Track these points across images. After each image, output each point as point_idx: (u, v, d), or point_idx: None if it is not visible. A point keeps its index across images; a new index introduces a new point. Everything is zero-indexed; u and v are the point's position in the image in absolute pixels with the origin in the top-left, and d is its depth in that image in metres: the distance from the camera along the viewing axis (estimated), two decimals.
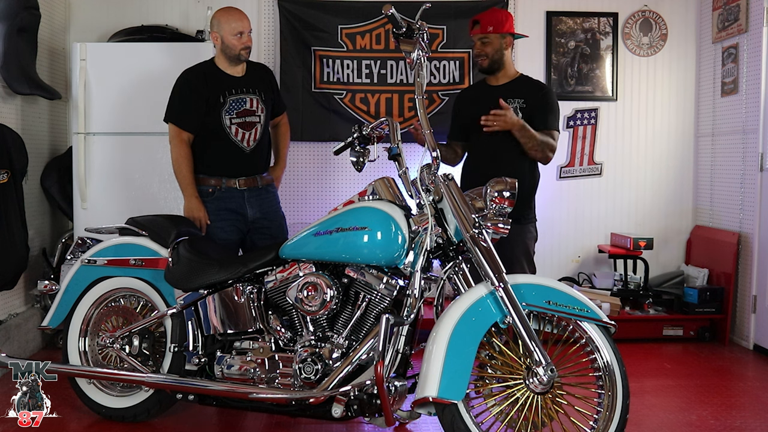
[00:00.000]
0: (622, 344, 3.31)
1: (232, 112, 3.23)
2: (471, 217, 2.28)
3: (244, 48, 3.22)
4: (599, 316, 2.24)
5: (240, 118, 3.24)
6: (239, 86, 3.27)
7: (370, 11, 4.43)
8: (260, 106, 3.30)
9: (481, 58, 3.24)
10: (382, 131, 2.56)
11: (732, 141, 4.28)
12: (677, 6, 4.63)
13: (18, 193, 3.55)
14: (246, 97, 3.26)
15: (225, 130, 3.23)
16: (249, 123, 3.26)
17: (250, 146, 3.28)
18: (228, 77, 3.27)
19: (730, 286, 4.15)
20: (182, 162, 3.21)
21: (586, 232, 4.66)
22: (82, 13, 4.42)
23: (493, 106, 3.16)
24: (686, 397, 3.26)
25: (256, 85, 3.32)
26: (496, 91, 3.27)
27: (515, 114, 3.11)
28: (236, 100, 3.24)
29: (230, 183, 3.26)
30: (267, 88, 3.37)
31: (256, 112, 3.28)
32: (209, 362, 2.68)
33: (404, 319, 2.26)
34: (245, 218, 3.29)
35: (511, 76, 3.30)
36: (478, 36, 3.23)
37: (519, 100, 3.20)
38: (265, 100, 3.33)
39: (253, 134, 3.27)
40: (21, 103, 3.83)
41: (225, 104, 3.22)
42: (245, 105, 3.26)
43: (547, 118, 3.20)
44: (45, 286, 2.94)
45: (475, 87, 3.56)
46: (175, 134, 3.24)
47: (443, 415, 2.14)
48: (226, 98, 3.23)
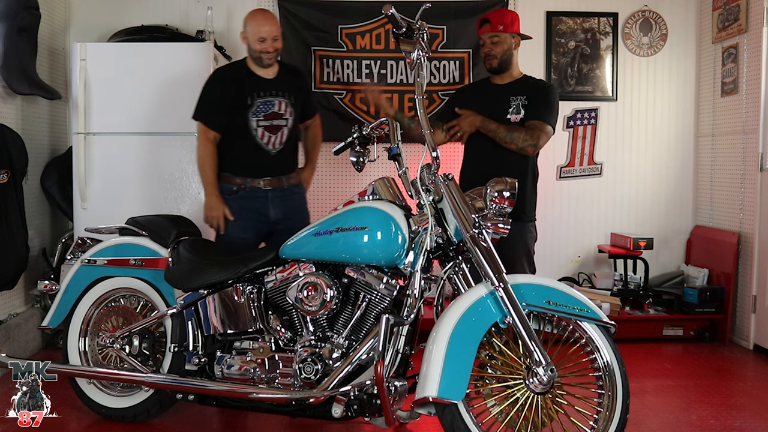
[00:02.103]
0: (622, 344, 3.30)
1: (260, 114, 3.24)
2: (471, 217, 2.28)
3: (265, 53, 3.22)
4: (599, 316, 2.24)
5: (267, 120, 3.25)
6: (268, 88, 3.27)
7: (370, 11, 4.43)
8: (288, 110, 3.30)
9: (491, 57, 3.23)
10: (382, 131, 2.56)
11: (732, 141, 4.28)
12: (677, 6, 4.63)
13: (18, 193, 3.55)
14: (274, 100, 3.27)
15: (251, 132, 3.24)
16: (275, 126, 3.27)
17: (276, 149, 3.29)
18: (257, 79, 3.28)
19: (730, 286, 4.15)
20: (206, 160, 3.25)
21: (586, 232, 4.66)
22: (82, 13, 4.42)
23: (495, 104, 3.17)
24: (686, 397, 3.26)
25: (286, 88, 3.32)
26: (501, 89, 3.27)
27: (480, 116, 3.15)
28: (264, 103, 3.25)
29: (255, 183, 3.28)
30: (297, 91, 3.37)
31: (283, 116, 3.29)
32: (209, 362, 2.68)
33: (404, 319, 2.25)
34: (267, 219, 3.30)
35: (516, 76, 3.30)
36: (488, 35, 3.21)
37: (521, 97, 3.21)
38: (294, 103, 3.33)
39: (279, 137, 3.29)
40: (21, 103, 3.83)
41: (252, 106, 3.23)
42: (273, 108, 3.26)
43: (540, 110, 3.18)
44: (45, 286, 2.94)
45: (478, 84, 3.55)
46: (201, 132, 3.28)
47: (443, 415, 2.14)
48: (254, 100, 3.24)
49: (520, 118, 3.20)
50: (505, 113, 3.21)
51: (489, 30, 3.20)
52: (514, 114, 3.21)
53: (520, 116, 3.21)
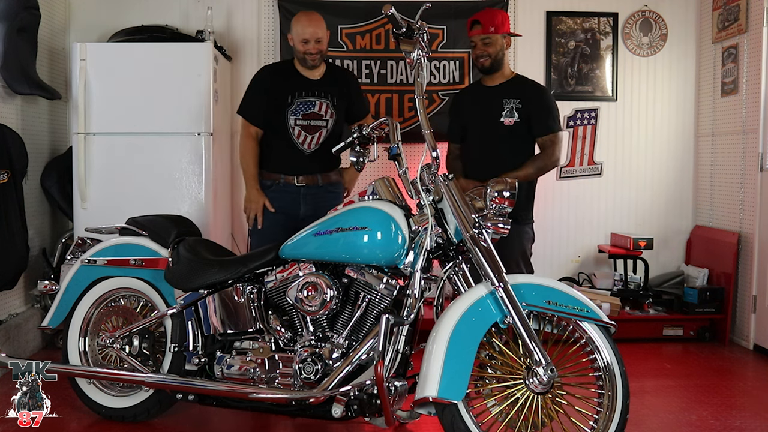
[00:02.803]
0: (622, 344, 3.30)
1: (298, 114, 3.30)
2: (471, 217, 2.28)
3: (308, 54, 3.27)
4: (599, 316, 2.24)
5: (305, 120, 3.31)
6: (311, 89, 3.33)
7: (370, 11, 4.43)
8: (330, 111, 3.34)
9: (483, 58, 3.25)
10: (382, 131, 2.56)
11: (732, 141, 4.28)
12: (677, 6, 4.63)
13: (18, 193, 3.55)
14: (315, 101, 3.32)
15: (288, 130, 3.31)
16: (313, 126, 3.32)
17: (311, 149, 3.34)
18: (301, 78, 3.34)
19: (730, 286, 4.15)
20: (247, 154, 3.37)
21: (586, 232, 4.66)
22: (82, 13, 4.42)
23: (489, 107, 3.18)
24: (686, 397, 3.26)
25: (330, 90, 3.36)
26: (493, 91, 3.28)
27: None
28: (304, 102, 3.30)
29: (289, 179, 3.37)
30: (342, 94, 3.40)
31: (323, 117, 3.33)
32: (209, 362, 2.68)
33: (404, 319, 2.25)
34: (296, 215, 3.35)
35: (507, 76, 3.31)
36: (480, 36, 3.23)
37: (515, 100, 3.21)
38: (336, 106, 3.37)
39: (316, 138, 3.34)
40: (21, 103, 3.83)
41: (292, 104, 3.29)
42: (313, 108, 3.31)
43: (547, 121, 3.21)
44: (45, 286, 2.94)
45: (471, 89, 3.59)
46: (243, 127, 3.40)
47: (443, 415, 2.14)
48: (295, 99, 3.29)
49: (513, 122, 3.21)
50: (499, 116, 3.23)
51: (480, 32, 3.22)
52: (508, 117, 3.22)
53: (513, 119, 3.22)
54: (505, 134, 3.23)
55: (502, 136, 3.24)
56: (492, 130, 3.26)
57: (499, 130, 3.24)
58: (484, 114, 3.25)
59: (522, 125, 3.24)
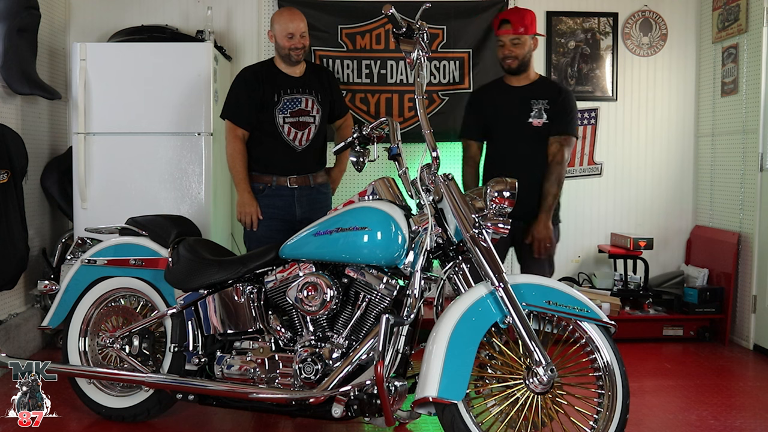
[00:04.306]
0: (622, 344, 3.30)
1: (286, 111, 3.29)
2: (471, 217, 2.28)
3: (293, 49, 3.26)
4: (599, 316, 2.24)
5: (294, 117, 3.30)
6: (295, 86, 3.32)
7: (370, 11, 4.43)
8: (315, 107, 3.34)
9: (511, 59, 3.17)
10: (382, 131, 2.56)
11: (732, 141, 4.28)
12: (677, 6, 4.63)
13: (18, 193, 3.55)
14: (301, 98, 3.31)
15: (278, 129, 3.29)
16: (302, 123, 3.31)
17: (302, 146, 3.33)
18: (284, 76, 3.33)
19: (730, 286, 4.15)
20: (236, 157, 3.30)
21: (586, 232, 4.66)
22: (82, 13, 4.42)
23: (516, 108, 3.16)
24: (686, 397, 3.26)
25: (313, 86, 3.36)
26: (519, 92, 3.23)
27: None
28: (291, 100, 3.29)
29: (281, 181, 3.32)
30: (325, 90, 3.40)
31: (310, 113, 3.32)
32: (209, 362, 2.68)
33: (404, 319, 2.25)
34: (293, 218, 3.33)
35: (532, 78, 3.26)
36: (509, 37, 3.15)
37: (543, 101, 3.17)
38: (321, 101, 3.36)
39: (306, 134, 3.32)
40: (21, 103, 3.83)
41: (279, 103, 3.28)
42: (300, 105, 3.30)
43: (568, 123, 3.19)
44: (45, 286, 2.94)
45: (493, 86, 3.44)
46: (230, 131, 3.33)
47: (443, 415, 2.14)
48: (281, 97, 3.28)
49: (542, 122, 3.17)
50: (527, 117, 3.18)
51: (510, 32, 3.13)
52: (536, 118, 3.17)
53: (542, 120, 3.17)
54: (531, 135, 3.19)
55: (529, 137, 3.19)
56: (518, 130, 3.20)
57: (526, 130, 3.19)
58: (510, 114, 3.20)
59: (549, 126, 3.20)
